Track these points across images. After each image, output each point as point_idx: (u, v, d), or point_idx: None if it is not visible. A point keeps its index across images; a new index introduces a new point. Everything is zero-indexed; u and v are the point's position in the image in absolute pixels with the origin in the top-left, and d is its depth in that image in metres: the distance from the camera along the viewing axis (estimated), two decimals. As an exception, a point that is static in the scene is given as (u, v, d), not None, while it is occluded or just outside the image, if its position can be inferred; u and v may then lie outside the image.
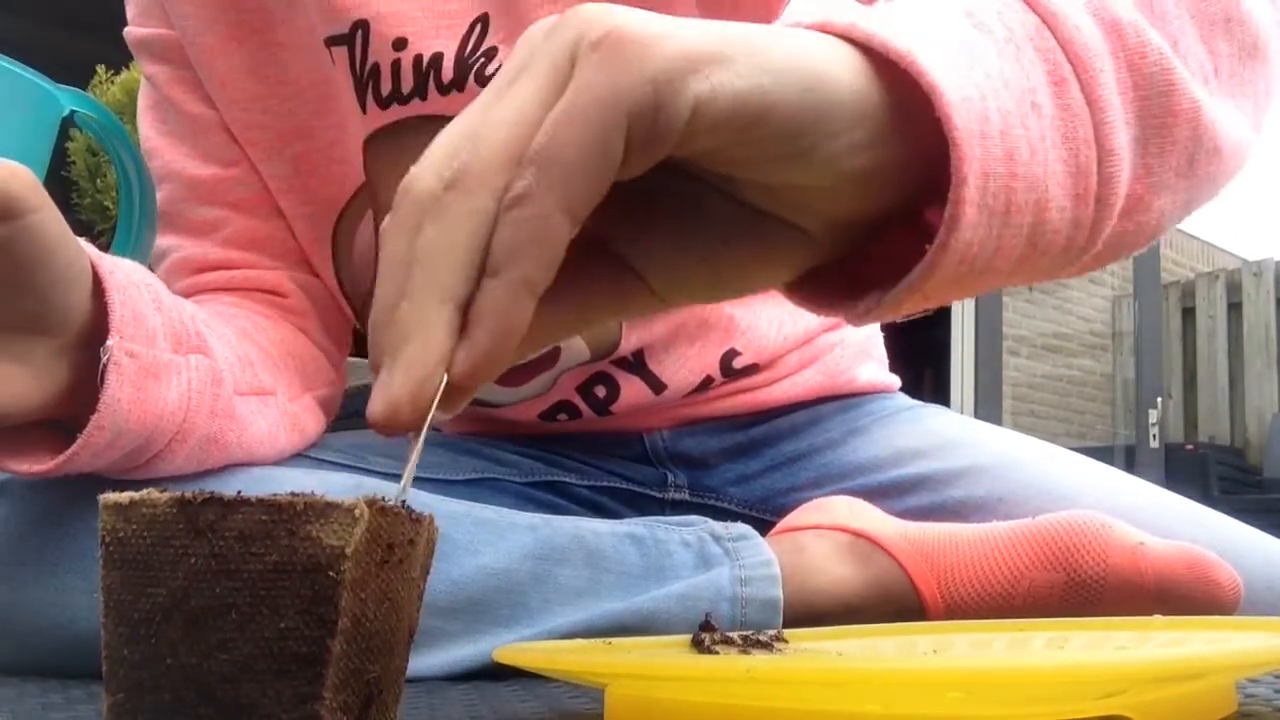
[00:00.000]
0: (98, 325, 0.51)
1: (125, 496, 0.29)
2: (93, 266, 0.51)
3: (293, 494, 0.28)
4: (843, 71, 0.33)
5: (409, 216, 0.31)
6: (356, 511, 0.28)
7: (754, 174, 0.34)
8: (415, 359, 0.30)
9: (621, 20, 0.31)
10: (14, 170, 0.45)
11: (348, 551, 0.27)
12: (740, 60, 0.31)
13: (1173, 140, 0.40)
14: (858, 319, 0.38)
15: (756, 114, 0.31)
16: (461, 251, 0.31)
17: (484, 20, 0.71)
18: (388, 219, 0.32)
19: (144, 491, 0.29)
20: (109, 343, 0.50)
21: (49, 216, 0.47)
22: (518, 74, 0.32)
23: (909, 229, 0.37)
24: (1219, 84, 0.43)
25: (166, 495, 0.29)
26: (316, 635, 0.28)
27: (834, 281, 0.38)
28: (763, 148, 0.32)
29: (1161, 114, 0.39)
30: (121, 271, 0.53)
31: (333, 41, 0.72)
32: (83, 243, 0.51)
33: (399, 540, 0.29)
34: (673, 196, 0.36)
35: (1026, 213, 0.36)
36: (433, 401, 0.31)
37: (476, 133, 0.32)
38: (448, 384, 0.31)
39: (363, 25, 0.71)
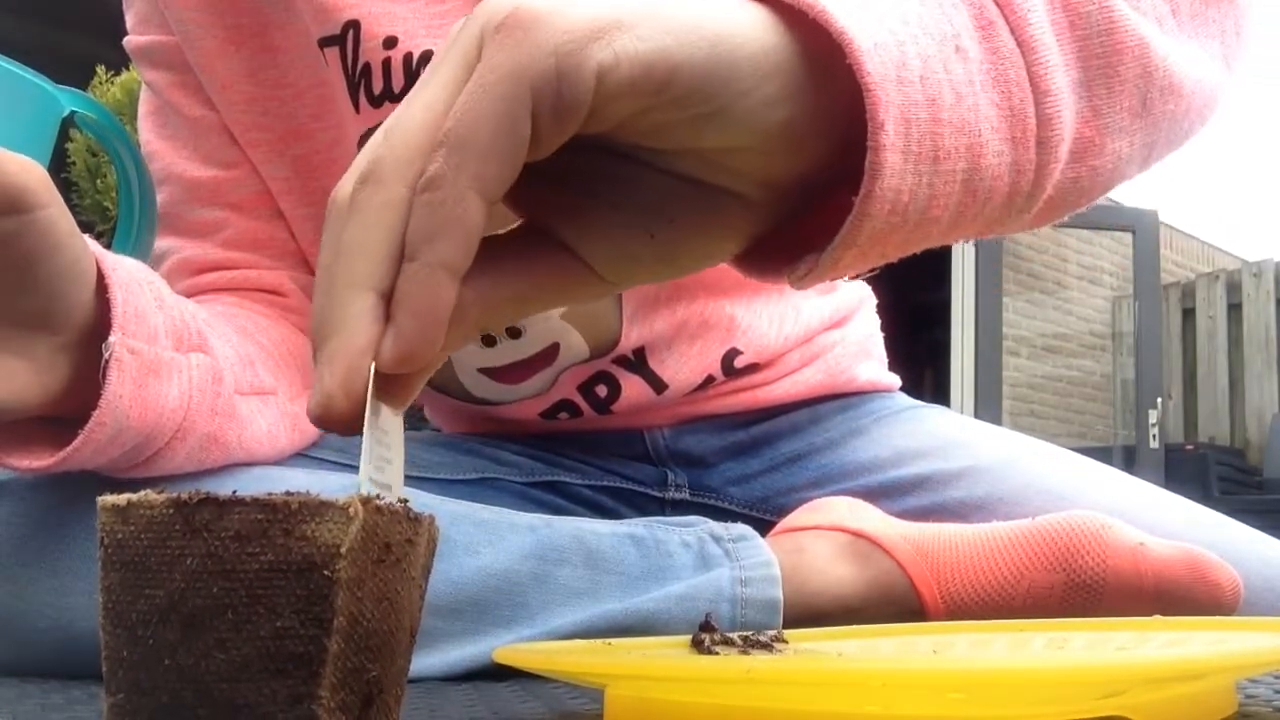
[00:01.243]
0: (100, 322, 0.51)
1: (123, 498, 0.29)
2: (96, 263, 0.51)
3: (288, 493, 0.28)
4: (750, 28, 0.33)
5: (334, 223, 0.32)
6: (351, 510, 0.28)
7: (674, 140, 0.34)
8: (339, 350, 0.31)
9: (524, 2, 0.32)
10: (26, 165, 0.46)
11: (342, 550, 0.27)
12: (642, 25, 0.32)
13: (1120, 79, 0.40)
14: (798, 281, 0.37)
15: (662, 76, 0.31)
16: (376, 241, 0.31)
17: None
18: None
19: (142, 493, 0.29)
20: (111, 339, 0.51)
21: (58, 213, 0.47)
22: (434, 70, 0.33)
23: (846, 189, 0.37)
24: (1177, 23, 0.43)
25: (163, 496, 0.29)
26: (312, 634, 0.28)
27: (779, 248, 0.38)
28: (675, 111, 0.32)
29: (1105, 53, 0.39)
30: (124, 269, 0.53)
31: (325, 43, 0.73)
32: (87, 239, 0.51)
33: (396, 539, 0.29)
34: (609, 178, 0.36)
35: (958, 158, 0.35)
36: (365, 390, 0.31)
37: (390, 128, 0.32)
38: (387, 374, 0.31)
39: (354, 25, 0.72)
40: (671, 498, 0.84)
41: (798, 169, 0.36)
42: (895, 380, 0.93)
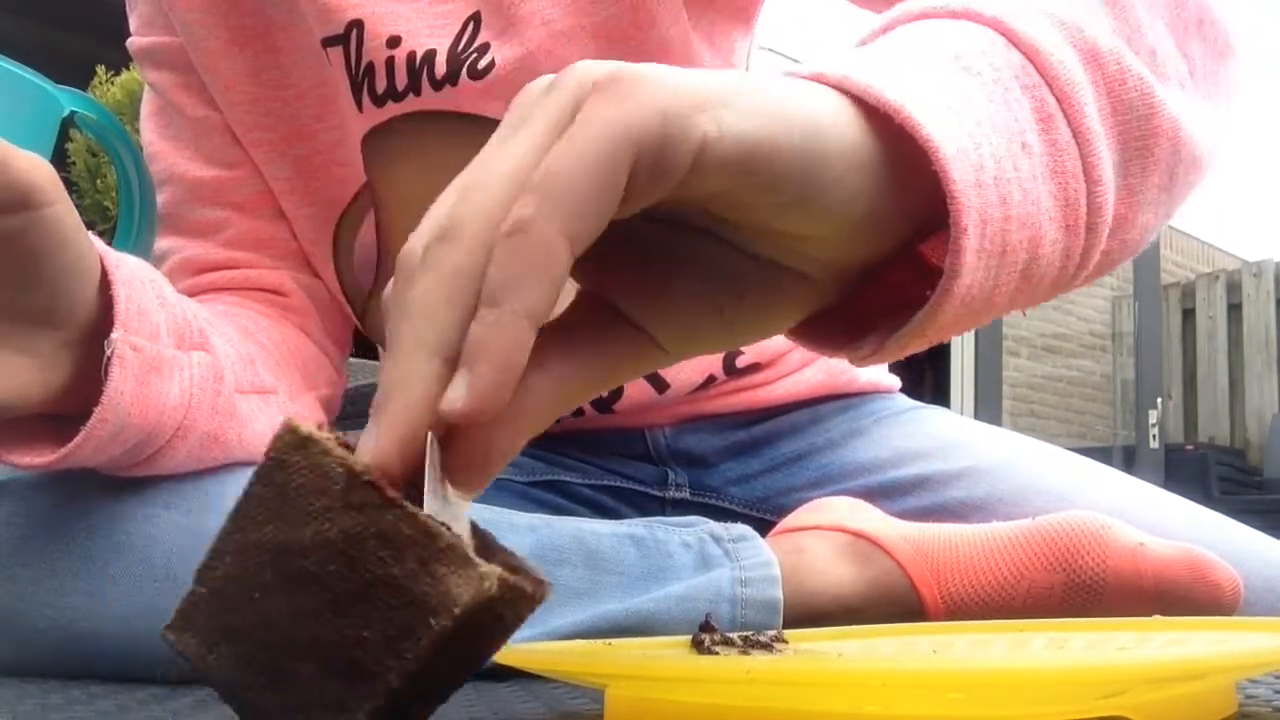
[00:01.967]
0: (102, 319, 0.52)
1: (309, 428, 0.28)
2: (100, 261, 0.51)
3: (445, 525, 0.27)
4: (840, 121, 0.33)
5: (403, 281, 0.30)
6: (486, 584, 0.27)
7: (756, 220, 0.34)
8: (397, 411, 0.28)
9: (625, 66, 0.31)
10: (35, 161, 0.46)
11: (458, 611, 0.27)
12: (744, 105, 0.31)
13: (1154, 160, 0.41)
14: (861, 360, 0.38)
15: (763, 157, 0.31)
16: (447, 302, 0.29)
17: (476, 18, 0.72)
18: (387, 290, 0.31)
19: (331, 433, 0.28)
20: (113, 336, 0.51)
21: (64, 209, 0.47)
22: (517, 127, 0.31)
23: (904, 263, 0.38)
24: (1195, 84, 0.44)
25: (342, 453, 0.28)
26: (388, 664, 0.27)
27: (834, 319, 0.39)
28: (765, 193, 0.32)
29: (1143, 136, 0.40)
30: (127, 267, 0.53)
31: (328, 42, 0.73)
32: (91, 236, 0.51)
33: (510, 617, 0.29)
34: (681, 253, 0.36)
35: (1021, 251, 0.36)
36: (422, 451, 0.28)
37: (469, 184, 0.30)
38: (454, 435, 0.29)
39: (357, 25, 0.72)
40: (672, 497, 0.84)
41: (866, 256, 0.36)
42: (895, 381, 0.93)
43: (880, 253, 0.37)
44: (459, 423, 0.28)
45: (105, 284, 0.52)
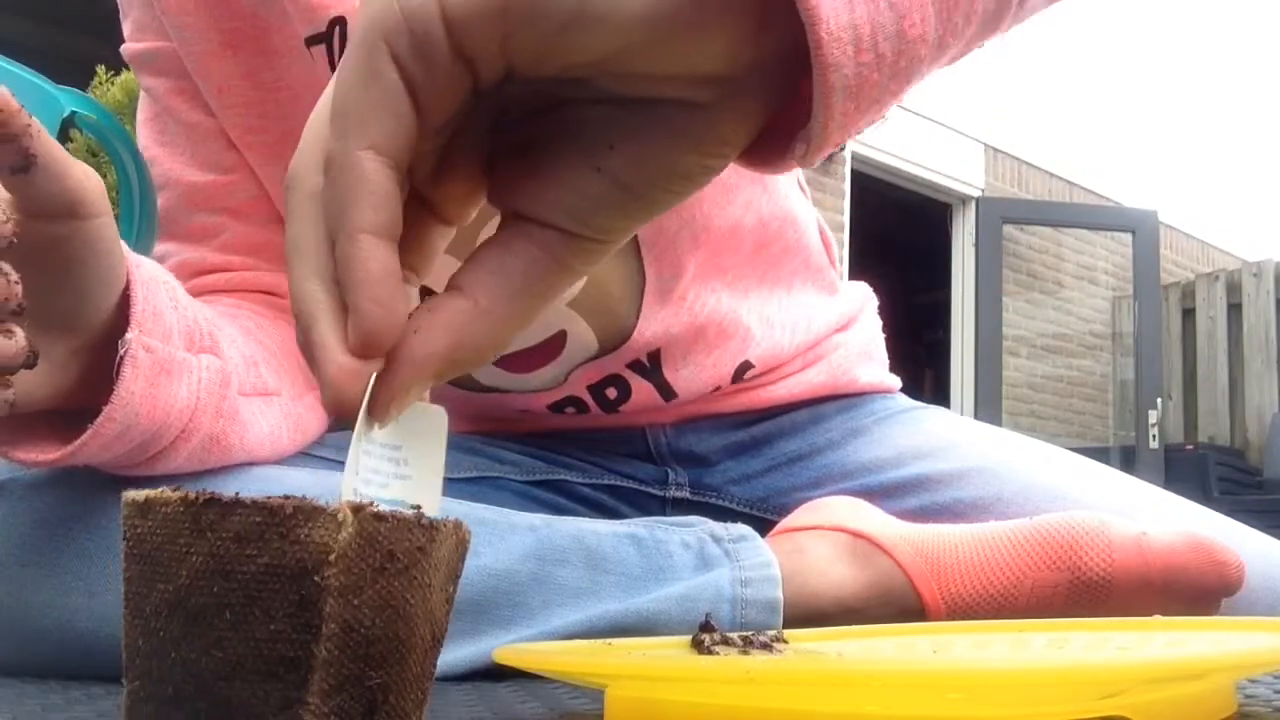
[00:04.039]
0: (116, 319, 0.52)
1: (143, 494, 0.30)
2: (127, 269, 0.52)
3: (287, 496, 0.28)
4: None
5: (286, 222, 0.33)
6: (340, 516, 0.28)
7: (559, 63, 0.32)
8: (320, 347, 0.32)
9: None
10: (87, 173, 0.47)
11: (331, 558, 0.27)
12: None
13: None
14: (802, 160, 0.35)
15: None
16: (307, 233, 0.32)
17: None
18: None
19: (160, 490, 0.29)
20: (128, 336, 0.51)
21: (107, 221, 0.48)
22: None
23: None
24: None
25: (177, 494, 0.29)
26: (302, 639, 0.28)
27: (781, 140, 0.36)
28: (539, 25, 0.31)
29: None
30: (144, 268, 0.54)
31: (312, 41, 0.73)
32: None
33: (403, 547, 0.29)
34: (549, 130, 0.35)
35: None
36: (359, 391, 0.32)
37: (307, 125, 0.34)
38: (378, 380, 0.32)
39: (339, 22, 0.71)
40: (672, 496, 0.84)
41: (720, 51, 0.33)
42: (896, 382, 0.93)
43: (734, 46, 0.33)
44: (364, 354, 0.31)
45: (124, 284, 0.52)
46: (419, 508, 0.30)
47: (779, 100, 0.35)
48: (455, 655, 0.58)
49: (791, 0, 0.31)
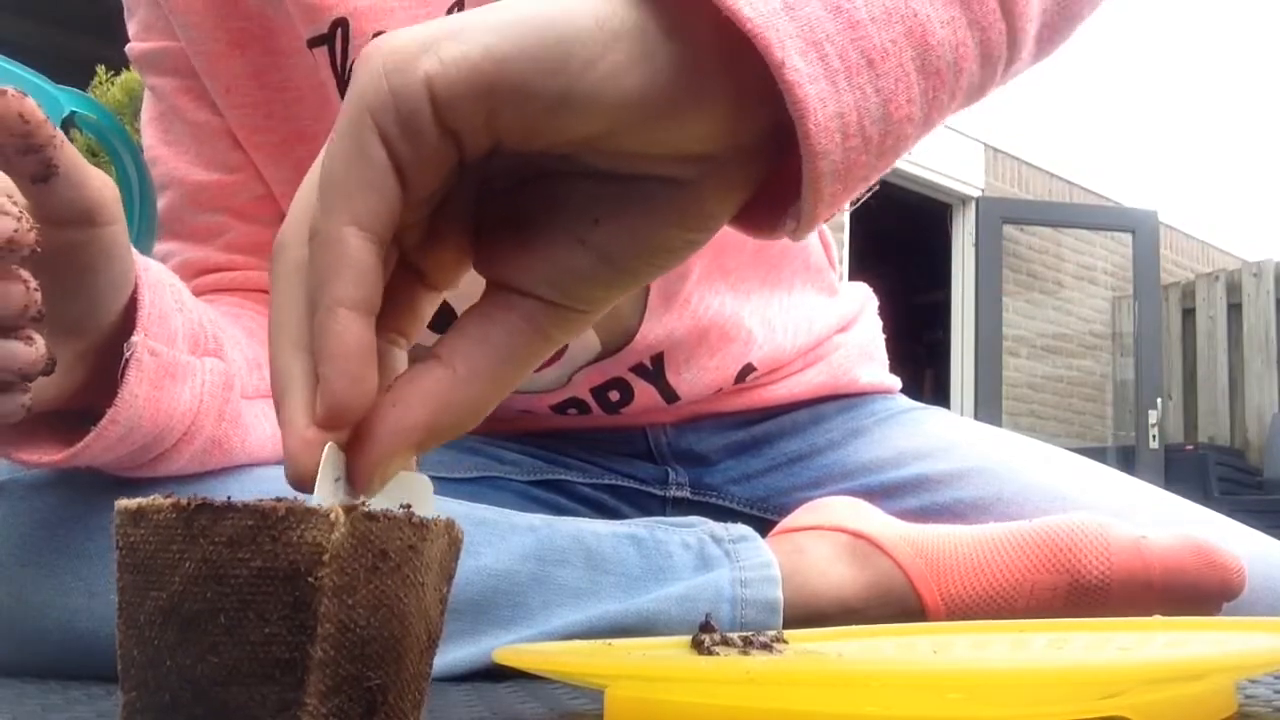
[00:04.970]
0: (122, 322, 0.52)
1: (135, 503, 0.30)
2: (136, 274, 0.52)
3: (278, 499, 0.28)
4: (585, 3, 0.32)
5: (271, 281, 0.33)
6: (332, 516, 0.28)
7: (547, 139, 0.32)
8: (288, 416, 0.31)
9: (383, 38, 0.32)
10: (105, 181, 0.47)
11: (324, 558, 0.27)
12: (469, 29, 0.31)
13: None
14: (794, 235, 0.36)
15: (491, 71, 0.31)
16: (290, 302, 0.32)
17: (459, 8, 0.71)
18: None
19: (152, 497, 0.29)
20: (134, 338, 0.51)
21: (121, 229, 0.49)
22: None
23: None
24: None
25: (169, 501, 0.29)
26: (297, 641, 0.28)
27: (780, 206, 0.36)
28: (524, 104, 0.31)
29: None
30: (151, 271, 0.54)
31: (314, 43, 0.73)
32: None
33: (395, 546, 0.29)
34: (534, 203, 0.35)
35: (900, 50, 0.33)
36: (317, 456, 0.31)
37: (296, 194, 0.34)
38: (354, 438, 0.31)
39: (342, 24, 0.71)
40: (673, 496, 0.84)
41: (704, 133, 0.33)
42: (896, 382, 0.93)
43: (719, 126, 0.33)
44: (328, 426, 0.31)
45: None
46: (409, 506, 0.30)
47: (763, 174, 0.35)
48: (455, 655, 0.58)
49: (776, 85, 0.32)
